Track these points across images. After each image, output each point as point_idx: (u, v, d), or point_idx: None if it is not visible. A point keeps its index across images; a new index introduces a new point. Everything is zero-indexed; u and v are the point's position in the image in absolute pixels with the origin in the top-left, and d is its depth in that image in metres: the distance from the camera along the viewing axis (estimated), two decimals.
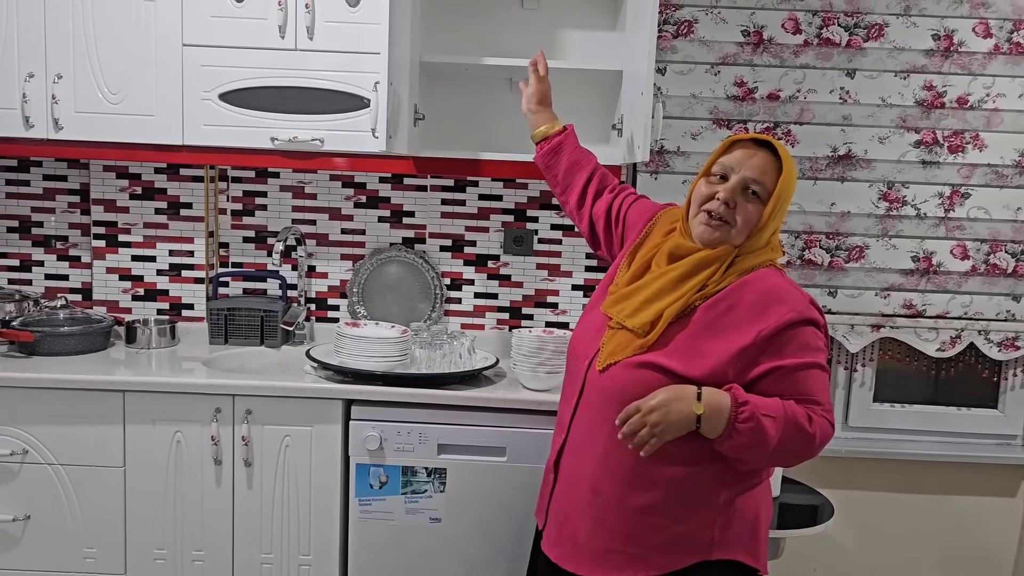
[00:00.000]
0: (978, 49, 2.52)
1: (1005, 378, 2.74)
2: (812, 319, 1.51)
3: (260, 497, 2.17)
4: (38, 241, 2.67)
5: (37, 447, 2.14)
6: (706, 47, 2.53)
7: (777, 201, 1.54)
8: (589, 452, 1.60)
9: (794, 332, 1.48)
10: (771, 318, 1.48)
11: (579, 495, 1.61)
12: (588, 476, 1.60)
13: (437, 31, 2.54)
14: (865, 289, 2.61)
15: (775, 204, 1.54)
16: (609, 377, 1.57)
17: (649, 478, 1.53)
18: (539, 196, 2.65)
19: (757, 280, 1.54)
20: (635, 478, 1.54)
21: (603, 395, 1.58)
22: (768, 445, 1.44)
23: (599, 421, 1.58)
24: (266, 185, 2.65)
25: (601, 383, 1.58)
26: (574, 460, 1.64)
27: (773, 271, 1.58)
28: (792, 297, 1.52)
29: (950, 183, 2.57)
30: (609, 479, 1.56)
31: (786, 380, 1.49)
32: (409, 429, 2.11)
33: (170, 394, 2.13)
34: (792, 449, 1.48)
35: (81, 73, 2.26)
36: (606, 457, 1.56)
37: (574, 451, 1.64)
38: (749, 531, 1.57)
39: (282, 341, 2.56)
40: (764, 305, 1.50)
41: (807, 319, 1.50)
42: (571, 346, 1.74)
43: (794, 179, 1.57)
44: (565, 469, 1.67)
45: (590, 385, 1.62)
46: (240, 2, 2.26)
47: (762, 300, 1.51)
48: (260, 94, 2.28)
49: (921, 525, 2.78)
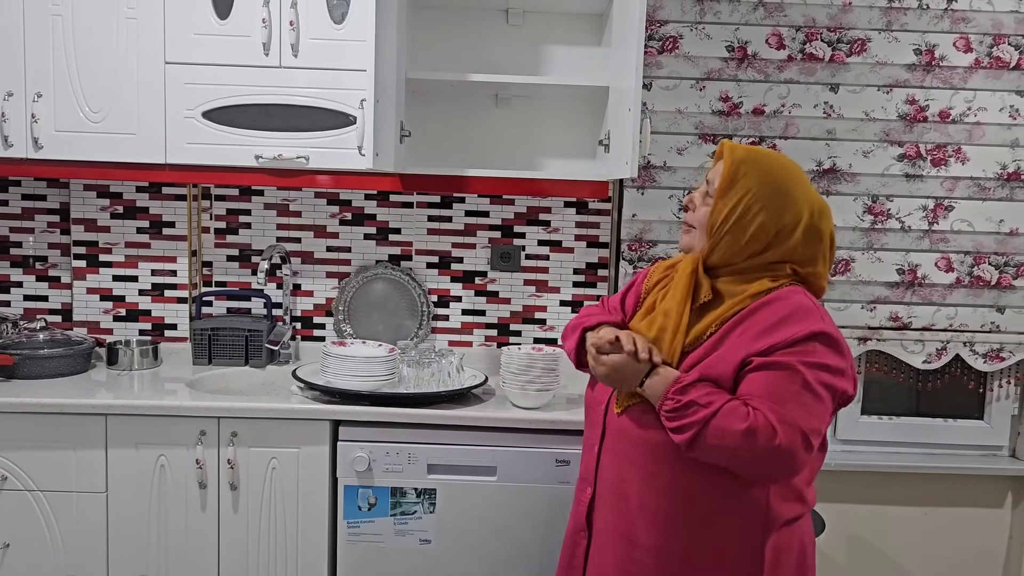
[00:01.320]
0: (959, 63, 2.55)
1: (991, 389, 2.75)
2: (821, 333, 1.41)
3: (246, 521, 2.13)
4: (17, 261, 2.63)
5: (16, 473, 2.09)
6: (691, 62, 2.54)
7: (726, 194, 1.47)
8: (622, 502, 1.52)
9: (796, 343, 1.40)
10: (779, 335, 1.41)
11: (618, 550, 1.53)
12: (624, 529, 1.52)
13: (423, 48, 2.53)
14: (851, 302, 2.62)
15: (721, 195, 1.48)
16: (629, 419, 1.51)
17: (686, 520, 1.46)
18: (526, 212, 2.64)
19: (778, 300, 1.46)
20: (672, 522, 1.47)
21: (627, 439, 1.52)
22: (693, 435, 1.38)
23: (626, 467, 1.52)
24: (250, 203, 2.62)
25: (622, 426, 1.53)
26: (606, 512, 1.57)
27: (799, 290, 1.49)
28: (810, 318, 1.43)
29: (933, 196, 2.59)
30: (646, 528, 1.49)
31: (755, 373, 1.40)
32: (398, 449, 2.09)
33: (153, 417, 2.09)
34: (727, 444, 1.36)
35: (62, 91, 2.23)
36: (642, 506, 1.49)
37: (605, 503, 1.57)
38: (795, 569, 1.49)
39: (267, 361, 2.53)
40: (778, 324, 1.43)
41: (814, 333, 1.41)
42: (587, 393, 1.69)
43: (749, 177, 1.48)
44: (598, 523, 1.59)
45: (611, 430, 1.56)
46: (224, 20, 2.24)
47: (779, 319, 1.43)
48: (244, 112, 2.26)
49: (909, 537, 2.78)
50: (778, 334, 1.41)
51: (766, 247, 1.50)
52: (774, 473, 1.41)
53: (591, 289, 2.67)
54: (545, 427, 2.10)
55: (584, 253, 2.66)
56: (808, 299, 1.48)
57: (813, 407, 1.38)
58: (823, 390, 1.39)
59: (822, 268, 1.55)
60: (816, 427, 1.38)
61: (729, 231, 1.49)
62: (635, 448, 1.50)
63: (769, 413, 1.35)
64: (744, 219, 1.48)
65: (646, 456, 1.48)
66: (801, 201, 1.49)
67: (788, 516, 1.48)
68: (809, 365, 1.39)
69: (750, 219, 1.48)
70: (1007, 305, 2.62)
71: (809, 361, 1.39)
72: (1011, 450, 2.78)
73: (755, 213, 1.48)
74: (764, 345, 1.41)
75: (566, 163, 2.59)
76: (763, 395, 1.38)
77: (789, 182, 1.50)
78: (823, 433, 1.42)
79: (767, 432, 1.34)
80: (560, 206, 2.64)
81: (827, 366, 1.40)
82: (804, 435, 1.35)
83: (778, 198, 1.48)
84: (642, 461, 1.48)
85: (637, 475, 1.49)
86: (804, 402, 1.37)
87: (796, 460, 1.36)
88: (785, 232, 1.49)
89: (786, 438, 1.34)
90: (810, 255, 1.52)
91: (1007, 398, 2.74)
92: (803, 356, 1.39)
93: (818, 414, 1.39)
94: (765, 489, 1.45)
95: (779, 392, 1.37)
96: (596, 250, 2.66)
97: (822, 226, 1.52)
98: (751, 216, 1.48)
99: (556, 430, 2.09)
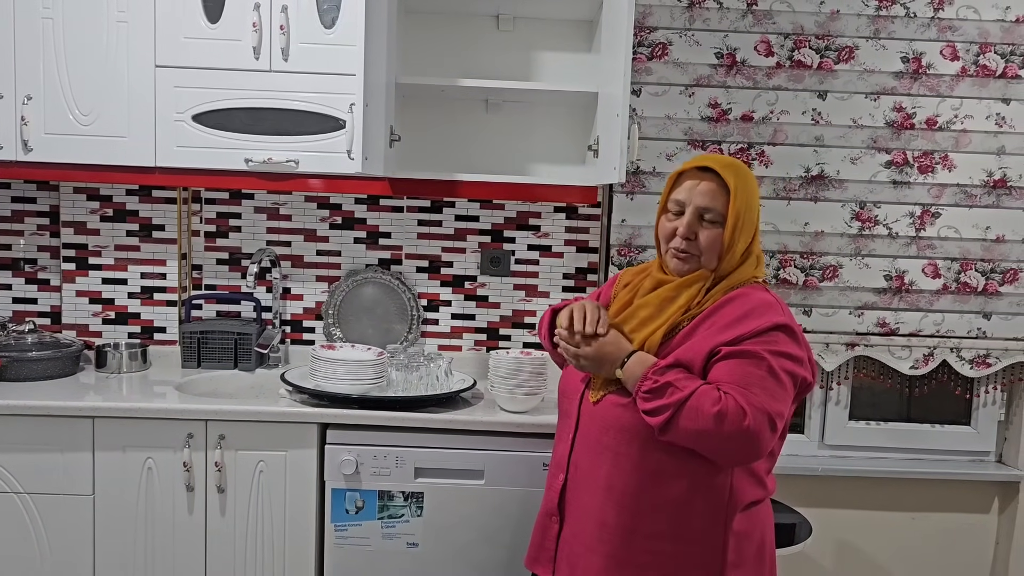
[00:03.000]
0: (946, 72, 2.57)
1: (977, 395, 2.77)
2: (783, 324, 1.52)
3: (234, 524, 2.13)
4: (6, 264, 2.62)
5: (3, 475, 2.09)
6: (680, 69, 2.56)
7: (736, 219, 1.57)
8: (593, 485, 1.59)
9: (761, 334, 1.50)
10: (745, 327, 1.50)
11: (587, 532, 1.60)
12: (595, 510, 1.59)
13: (413, 52, 2.54)
14: (839, 308, 2.63)
15: (735, 223, 1.57)
16: (604, 407, 1.59)
17: (654, 502, 1.53)
18: (516, 217, 2.65)
19: (742, 296, 1.57)
20: (640, 503, 1.54)
21: (600, 425, 1.59)
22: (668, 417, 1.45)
23: (598, 452, 1.58)
24: (240, 207, 2.62)
25: (597, 413, 1.60)
26: (578, 496, 1.63)
27: (759, 287, 1.61)
28: (772, 311, 1.53)
29: (921, 203, 2.61)
30: (616, 509, 1.56)
31: (724, 361, 1.49)
32: (385, 453, 2.09)
33: (141, 419, 2.09)
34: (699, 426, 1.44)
35: (51, 94, 2.23)
36: (610, 487, 1.56)
37: (577, 487, 1.63)
38: (755, 553, 1.58)
39: (256, 364, 2.53)
40: (743, 317, 1.52)
41: (777, 324, 1.51)
42: (560, 385, 1.75)
43: (749, 193, 1.59)
44: (571, 508, 1.65)
45: (585, 418, 1.63)
46: (214, 24, 2.24)
47: (744, 313, 1.53)
48: (234, 115, 2.26)
49: (897, 542, 2.79)
50: (744, 326, 1.50)
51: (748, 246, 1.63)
52: (741, 454, 1.48)
53: (580, 294, 2.68)
54: (533, 431, 2.10)
55: (573, 258, 2.67)
56: (770, 295, 1.59)
57: (777, 392, 1.47)
58: (786, 376, 1.49)
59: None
60: (779, 410, 1.47)
61: (738, 240, 1.59)
62: (608, 434, 1.57)
63: (738, 397, 1.43)
64: (745, 225, 1.59)
65: (619, 440, 1.55)
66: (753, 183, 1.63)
67: (749, 500, 1.56)
68: (773, 353, 1.48)
69: (747, 222, 1.59)
70: (993, 311, 2.64)
71: (773, 350, 1.49)
72: (998, 455, 2.79)
73: (752, 223, 1.61)
74: (731, 336, 1.50)
75: (556, 168, 2.60)
76: (732, 381, 1.46)
77: (755, 186, 1.63)
78: (786, 416, 1.50)
79: (736, 414, 1.42)
80: (550, 211, 2.65)
81: (789, 355, 1.50)
82: (769, 418, 1.44)
83: (755, 206, 1.62)
84: (615, 445, 1.56)
85: (609, 459, 1.56)
86: (769, 387, 1.46)
87: (761, 442, 1.44)
88: (757, 222, 1.64)
89: (754, 421, 1.42)
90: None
91: (994, 404, 2.76)
92: (767, 345, 1.49)
93: (781, 398, 1.48)
94: (729, 473, 1.53)
95: (747, 378, 1.46)
96: (585, 255, 2.67)
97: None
98: (749, 220, 1.60)
99: (544, 434, 2.09)
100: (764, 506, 1.62)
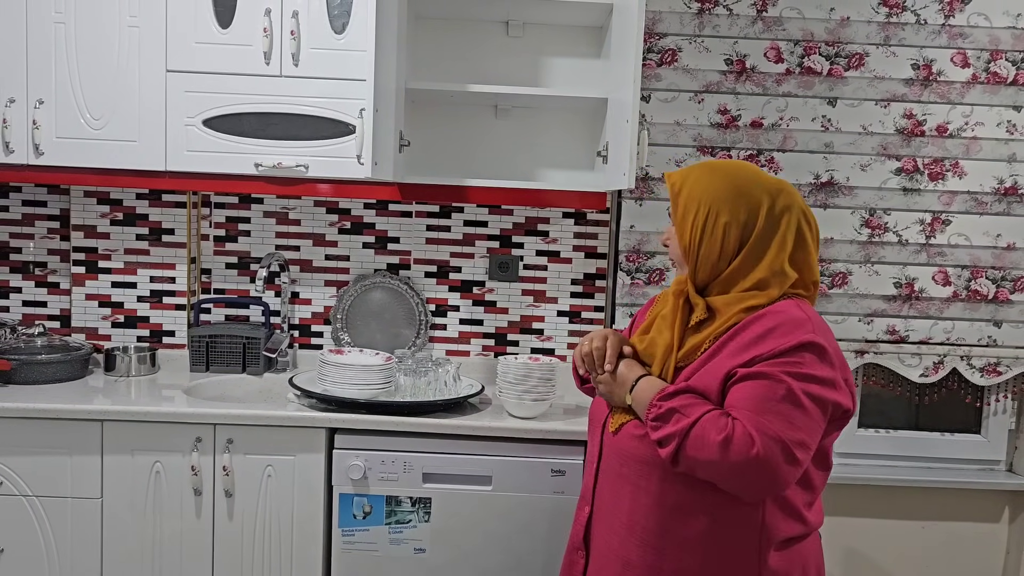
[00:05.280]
0: (956, 78, 2.56)
1: (988, 403, 2.75)
2: (809, 343, 1.38)
3: (241, 528, 2.13)
4: (16, 267, 2.63)
5: (12, 478, 2.09)
6: (690, 75, 2.56)
7: (682, 215, 1.49)
8: (615, 521, 1.52)
9: (782, 354, 1.38)
10: (765, 347, 1.39)
11: (611, 571, 1.52)
12: (617, 548, 1.51)
13: (423, 58, 2.55)
14: (849, 315, 2.62)
15: (680, 219, 1.50)
16: (622, 437, 1.51)
17: (678, 539, 1.44)
18: (524, 222, 2.65)
19: (771, 313, 1.44)
20: (664, 541, 1.45)
21: (619, 457, 1.51)
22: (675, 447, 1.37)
23: (619, 485, 1.51)
24: (249, 211, 2.63)
25: (616, 444, 1.53)
26: (602, 532, 1.56)
27: (793, 303, 1.47)
28: (800, 329, 1.40)
29: (931, 210, 2.60)
30: (639, 547, 1.47)
31: (739, 384, 1.38)
32: (393, 458, 2.08)
33: (149, 423, 2.09)
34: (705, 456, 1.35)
35: (63, 98, 2.25)
36: (632, 524, 1.48)
37: (601, 522, 1.56)
38: None
39: (264, 369, 2.53)
40: (765, 335, 1.40)
41: (803, 343, 1.38)
42: (589, 412, 1.69)
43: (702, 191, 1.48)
44: (595, 543, 1.58)
45: (607, 449, 1.56)
46: (225, 28, 2.25)
47: (767, 331, 1.41)
48: (244, 120, 2.27)
49: (906, 551, 2.77)
50: (763, 345, 1.39)
51: (741, 244, 1.48)
52: (756, 486, 1.36)
53: (588, 300, 2.67)
54: (541, 437, 2.09)
55: (582, 264, 2.67)
56: (801, 311, 1.45)
57: (796, 418, 1.34)
58: (809, 401, 1.35)
59: (810, 255, 1.53)
60: (799, 439, 1.33)
61: (700, 246, 1.49)
62: (627, 466, 1.49)
63: (747, 423, 1.33)
64: (707, 228, 1.47)
65: (637, 473, 1.47)
66: (755, 190, 1.48)
67: (786, 535, 1.45)
68: (795, 376, 1.36)
69: (712, 226, 1.47)
70: (1004, 319, 2.62)
71: (794, 372, 1.36)
72: (1008, 464, 2.78)
73: (715, 218, 1.47)
74: (748, 356, 1.39)
75: (565, 174, 2.60)
76: (744, 406, 1.35)
77: (736, 178, 1.50)
78: (810, 446, 1.36)
79: (744, 442, 1.31)
80: (558, 217, 2.65)
81: (815, 377, 1.37)
82: (784, 446, 1.32)
83: (731, 197, 1.48)
84: (634, 479, 1.48)
85: (629, 493, 1.49)
86: (785, 412, 1.33)
87: (777, 472, 1.32)
88: (750, 222, 1.47)
89: (763, 448, 1.30)
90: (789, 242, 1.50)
91: (1004, 412, 2.74)
92: (789, 367, 1.36)
93: (802, 426, 1.34)
94: (760, 507, 1.42)
95: (760, 402, 1.34)
96: (594, 261, 2.67)
97: (786, 201, 1.50)
98: (712, 223, 1.47)
99: (552, 440, 2.09)
100: (807, 543, 1.49)
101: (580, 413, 2.21)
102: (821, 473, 1.49)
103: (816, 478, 1.48)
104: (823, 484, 1.50)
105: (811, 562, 1.50)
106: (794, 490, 1.43)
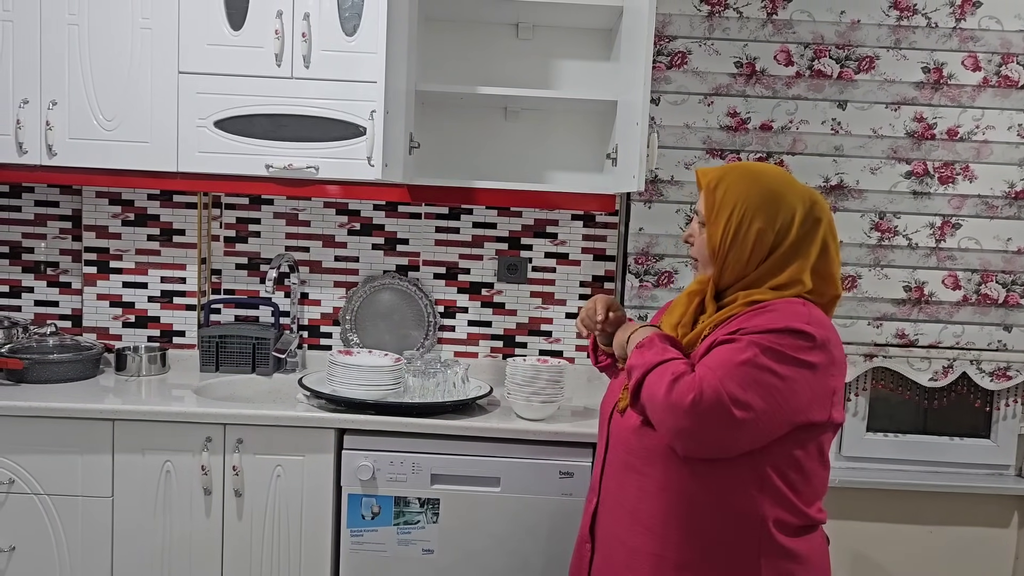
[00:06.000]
0: (967, 82, 2.55)
1: (997, 408, 2.74)
2: (796, 330, 1.38)
3: (250, 528, 2.14)
4: (28, 267, 2.65)
5: (23, 476, 2.11)
6: (699, 78, 2.56)
7: (714, 214, 1.49)
8: (621, 510, 1.53)
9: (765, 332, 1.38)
10: (749, 324, 1.41)
11: (617, 559, 1.53)
12: (623, 536, 1.52)
13: (433, 60, 2.55)
14: (858, 319, 2.62)
15: (711, 220, 1.50)
16: (629, 418, 1.51)
17: (684, 529, 1.45)
18: (533, 224, 2.65)
19: (773, 305, 1.45)
20: (669, 530, 1.46)
21: (626, 446, 1.52)
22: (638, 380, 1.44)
23: (625, 474, 1.52)
24: (260, 212, 2.64)
25: (622, 426, 1.53)
26: (608, 521, 1.57)
27: (799, 301, 1.46)
28: (793, 318, 1.40)
29: (941, 214, 2.59)
30: (644, 535, 1.48)
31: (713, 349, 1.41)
32: (402, 459, 2.09)
33: (160, 423, 2.10)
34: (654, 391, 1.40)
35: (76, 100, 2.26)
36: (636, 511, 1.49)
37: (607, 512, 1.57)
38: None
39: (274, 369, 2.54)
40: (754, 316, 1.43)
41: (790, 328, 1.38)
42: (600, 407, 1.69)
43: (737, 193, 1.48)
44: (601, 533, 1.59)
45: (614, 435, 1.57)
46: (237, 31, 2.27)
47: (758, 313, 1.43)
48: (256, 122, 2.28)
49: (914, 555, 2.76)
50: (751, 323, 1.41)
51: (771, 250, 1.48)
52: (685, 433, 1.36)
53: None
54: (549, 439, 2.10)
55: (591, 266, 2.67)
56: (804, 307, 1.44)
57: (749, 383, 1.34)
58: (771, 377, 1.35)
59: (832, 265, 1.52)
60: (744, 400, 1.33)
61: (731, 249, 1.49)
62: (632, 453, 1.50)
63: (699, 372, 1.36)
64: (740, 232, 1.48)
65: (643, 462, 1.48)
66: (791, 197, 1.49)
67: (789, 535, 1.45)
68: (765, 349, 1.36)
69: (746, 230, 1.47)
70: (1014, 324, 2.61)
71: (767, 346, 1.36)
72: (1018, 469, 2.76)
73: (749, 222, 1.47)
74: (734, 328, 1.42)
75: (574, 176, 2.60)
76: (706, 363, 1.38)
77: (773, 184, 1.49)
78: (755, 410, 1.34)
79: (687, 385, 1.34)
80: (567, 219, 2.65)
81: (794, 359, 1.36)
82: (722, 399, 1.32)
83: (766, 202, 1.48)
84: (640, 466, 1.49)
85: (635, 481, 1.50)
86: (742, 374, 1.34)
87: (706, 422, 1.34)
88: (783, 230, 1.47)
89: (702, 396, 1.32)
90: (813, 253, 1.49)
91: (1014, 417, 2.73)
92: (764, 341, 1.36)
93: (756, 392, 1.34)
94: (760, 502, 1.42)
95: (721, 361, 1.36)
96: (603, 263, 2.67)
97: (819, 214, 1.50)
98: (746, 227, 1.47)
99: (560, 442, 2.09)
100: (811, 539, 1.49)
101: (588, 415, 2.22)
102: (822, 471, 1.49)
103: (815, 475, 1.48)
104: (824, 483, 1.51)
105: (815, 557, 1.50)
106: (793, 484, 1.44)
